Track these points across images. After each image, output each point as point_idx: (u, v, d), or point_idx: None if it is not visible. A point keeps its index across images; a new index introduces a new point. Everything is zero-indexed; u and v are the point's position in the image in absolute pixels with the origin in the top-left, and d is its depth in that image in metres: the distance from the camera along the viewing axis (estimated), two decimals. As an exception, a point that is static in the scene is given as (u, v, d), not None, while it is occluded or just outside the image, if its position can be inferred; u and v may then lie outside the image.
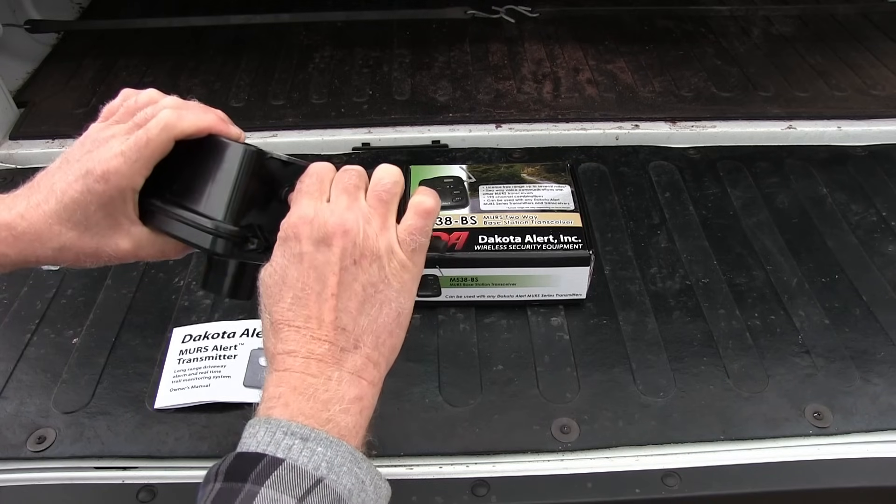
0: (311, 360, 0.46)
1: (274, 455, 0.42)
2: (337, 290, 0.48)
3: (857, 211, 0.97)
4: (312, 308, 0.47)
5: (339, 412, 0.45)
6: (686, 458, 0.68)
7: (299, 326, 0.47)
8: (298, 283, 0.48)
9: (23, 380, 0.75)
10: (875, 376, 0.75)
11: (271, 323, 0.48)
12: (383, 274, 0.50)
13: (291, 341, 0.47)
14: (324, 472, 0.42)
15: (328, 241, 0.48)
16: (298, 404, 0.44)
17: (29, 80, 1.25)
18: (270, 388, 0.46)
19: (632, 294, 0.85)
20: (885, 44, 1.32)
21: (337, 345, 0.47)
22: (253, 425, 0.44)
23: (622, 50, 1.29)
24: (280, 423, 0.43)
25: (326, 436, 0.43)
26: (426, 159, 1.06)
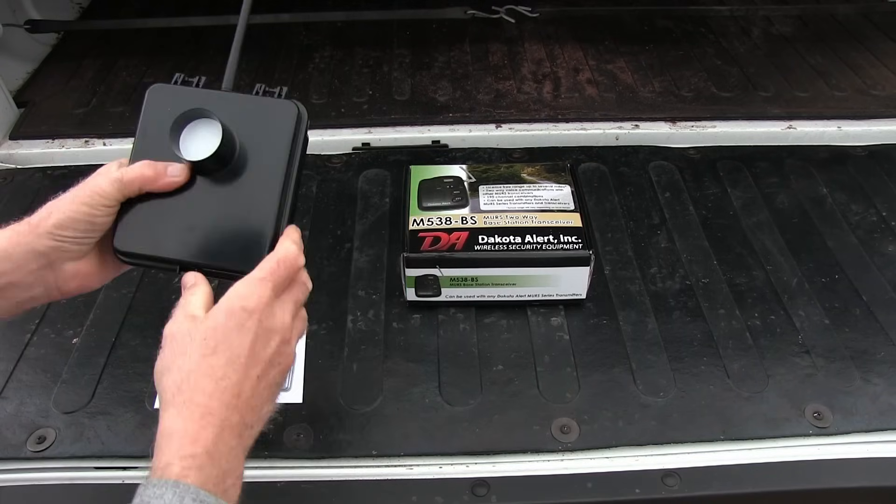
0: (225, 429, 0.48)
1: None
2: (263, 373, 0.52)
3: (857, 211, 0.97)
4: (239, 378, 0.50)
5: (231, 486, 0.48)
6: (686, 458, 0.69)
7: (225, 388, 0.49)
8: (238, 350, 0.51)
9: (23, 380, 0.75)
10: (875, 376, 0.75)
11: (195, 370, 0.50)
12: (282, 371, 0.55)
13: (214, 400, 0.49)
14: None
15: (273, 332, 0.53)
16: (210, 471, 0.46)
17: (29, 80, 1.25)
18: (186, 441, 0.47)
19: (632, 294, 0.85)
20: (885, 44, 1.32)
21: (244, 420, 0.50)
22: (159, 486, 0.45)
23: (622, 50, 1.29)
24: (189, 488, 0.45)
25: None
26: (426, 159, 1.06)
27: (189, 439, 0.47)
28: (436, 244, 0.79)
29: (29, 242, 0.54)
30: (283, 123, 0.58)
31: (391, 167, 1.03)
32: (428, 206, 0.83)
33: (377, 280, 0.86)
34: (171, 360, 0.51)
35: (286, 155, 0.57)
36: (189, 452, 0.47)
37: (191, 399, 0.49)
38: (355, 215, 0.95)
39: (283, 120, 0.58)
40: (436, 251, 0.78)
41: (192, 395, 0.49)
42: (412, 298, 0.82)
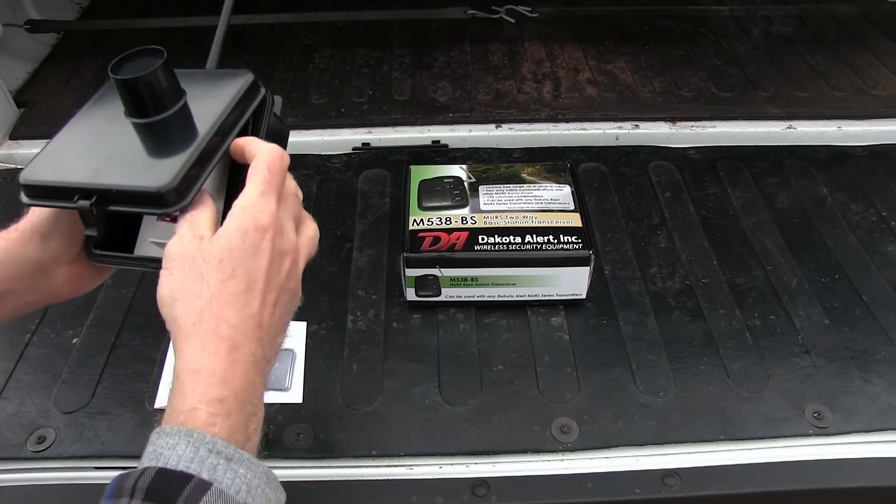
0: (251, 365, 0.45)
1: (200, 476, 0.39)
2: (277, 299, 0.48)
3: (857, 211, 0.97)
4: (258, 305, 0.46)
5: (253, 431, 0.45)
6: (686, 458, 0.69)
7: (248, 317, 0.45)
8: (256, 274, 0.47)
9: (23, 380, 0.75)
10: (875, 376, 0.75)
11: (216, 297, 0.45)
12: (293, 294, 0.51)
13: (239, 331, 0.45)
14: (244, 496, 0.41)
15: (285, 254, 0.49)
16: (236, 416, 0.43)
17: (29, 80, 1.25)
18: (216, 386, 0.43)
19: (632, 294, 0.85)
20: (885, 44, 1.32)
21: (266, 354, 0.47)
22: (173, 434, 0.41)
23: (622, 50, 1.29)
24: (204, 438, 0.41)
25: (249, 457, 0.42)
26: (426, 159, 1.06)
27: (217, 379, 0.43)
28: (436, 244, 0.79)
29: (19, 249, 0.53)
30: (233, 86, 0.56)
31: (391, 167, 1.03)
32: (428, 206, 0.83)
33: (377, 280, 0.86)
34: (186, 285, 0.46)
35: (223, 109, 0.55)
36: (217, 395, 0.42)
37: (215, 330, 0.44)
38: (355, 215, 0.95)
39: (234, 83, 0.57)
40: (436, 251, 0.78)
41: (216, 325, 0.44)
42: (412, 298, 0.82)
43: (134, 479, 0.40)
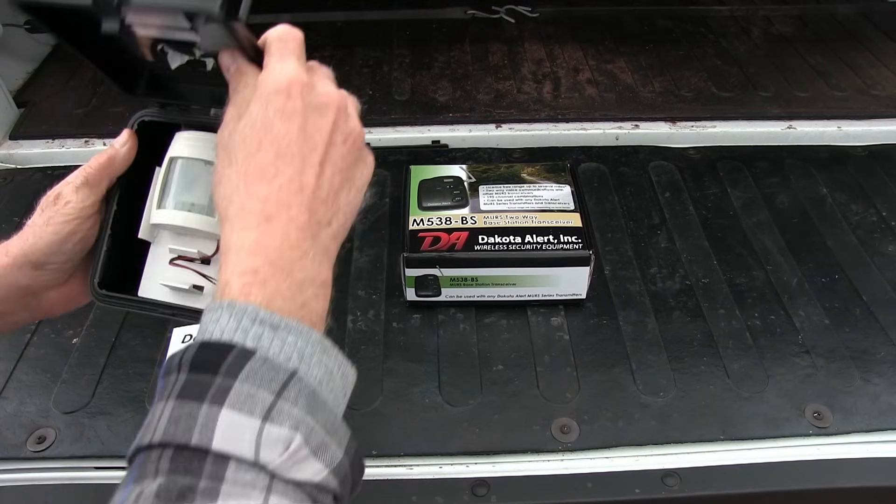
0: (290, 229, 0.41)
1: (243, 345, 0.38)
2: (324, 157, 0.44)
3: (857, 211, 0.97)
4: (297, 169, 0.43)
5: (311, 296, 0.41)
6: (686, 458, 0.68)
7: (280, 186, 0.42)
8: (286, 139, 0.43)
9: (23, 380, 0.75)
10: (875, 376, 0.75)
11: (244, 174, 0.43)
12: (362, 162, 0.47)
13: (270, 202, 0.41)
14: (296, 363, 0.38)
15: (323, 109, 0.45)
16: (277, 283, 0.40)
17: (29, 80, 1.25)
18: (243, 254, 0.40)
19: (632, 294, 0.85)
20: (885, 44, 1.32)
21: (315, 217, 0.43)
22: (215, 309, 0.39)
23: (622, 50, 1.29)
24: (246, 308, 0.38)
25: (297, 324, 0.39)
26: (426, 159, 1.06)
27: (247, 251, 0.40)
28: (436, 244, 0.79)
29: (9, 276, 0.51)
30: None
31: (391, 167, 1.03)
32: (428, 206, 0.83)
33: (377, 280, 0.86)
34: (221, 172, 0.44)
35: None
36: (248, 266, 0.40)
37: (244, 208, 0.42)
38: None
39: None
40: (436, 251, 0.78)
41: (244, 202, 0.42)
42: (412, 298, 0.82)
43: (180, 355, 0.38)
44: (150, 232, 0.56)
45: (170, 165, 0.54)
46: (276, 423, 0.36)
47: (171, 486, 0.34)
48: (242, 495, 0.34)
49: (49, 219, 0.52)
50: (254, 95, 0.44)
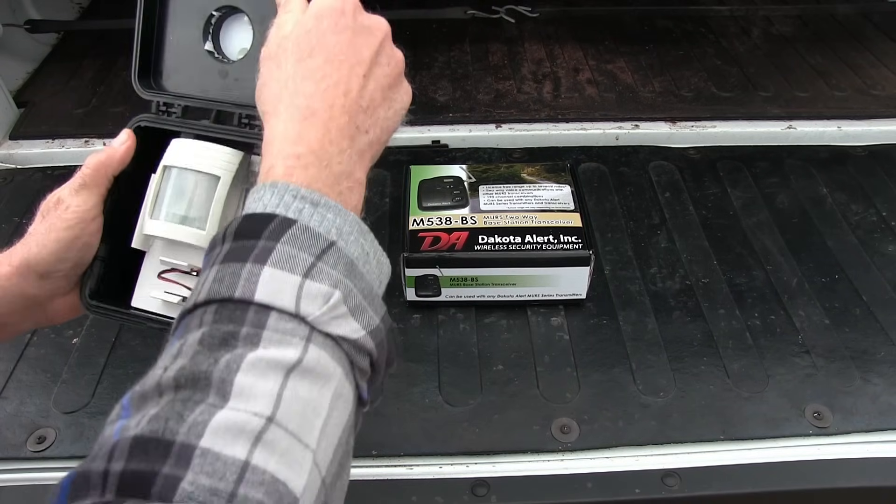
0: (331, 126, 0.44)
1: (285, 215, 0.40)
2: (369, 71, 0.47)
3: (857, 211, 0.97)
4: (343, 75, 0.45)
5: (346, 189, 0.43)
6: (686, 458, 0.68)
7: (327, 87, 0.44)
8: (336, 49, 0.46)
9: (23, 380, 0.75)
10: (875, 376, 0.75)
11: (293, 75, 0.45)
12: (402, 88, 0.50)
13: (315, 98, 0.44)
14: (335, 236, 0.40)
15: (372, 30, 0.48)
16: (317, 171, 0.42)
17: (29, 80, 1.25)
18: (287, 142, 0.43)
19: (632, 294, 0.85)
20: (885, 44, 1.32)
21: (354, 121, 0.45)
22: (258, 190, 0.41)
23: (622, 50, 1.29)
24: (288, 186, 0.41)
25: (335, 204, 0.41)
26: (426, 159, 1.05)
27: (290, 140, 0.43)
28: (436, 244, 0.79)
29: (13, 286, 0.51)
30: None
31: (391, 167, 1.03)
32: (428, 206, 0.83)
33: (377, 280, 0.86)
34: (268, 77, 0.46)
35: None
36: (292, 152, 0.42)
37: (291, 103, 0.44)
38: (355, 215, 0.95)
39: None
40: (436, 251, 0.78)
41: (292, 99, 0.44)
42: (412, 298, 0.82)
43: (224, 229, 0.41)
44: (144, 241, 0.55)
45: (164, 174, 0.54)
46: (316, 280, 0.38)
47: (214, 332, 0.36)
48: (283, 342, 0.36)
49: (51, 225, 0.51)
50: (306, 12, 0.47)
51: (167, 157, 0.54)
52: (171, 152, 0.54)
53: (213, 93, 0.57)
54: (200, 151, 0.54)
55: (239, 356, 0.34)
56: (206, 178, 0.53)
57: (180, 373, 0.34)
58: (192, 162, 0.54)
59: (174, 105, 0.57)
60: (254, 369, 0.34)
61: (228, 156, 0.54)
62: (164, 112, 0.57)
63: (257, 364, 0.34)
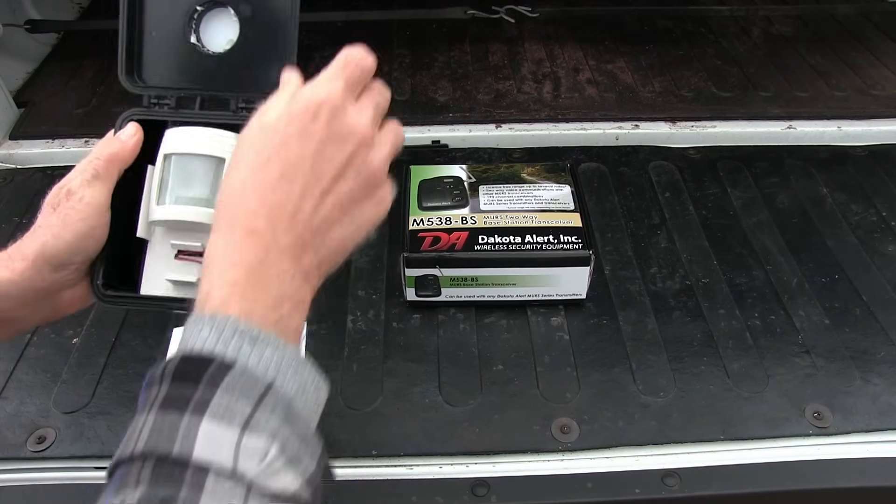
0: (273, 248, 0.42)
1: (223, 357, 0.39)
2: (329, 188, 0.44)
3: (857, 211, 0.97)
4: (295, 194, 0.43)
5: (287, 313, 0.42)
6: (686, 458, 0.68)
7: (273, 206, 0.42)
8: (294, 161, 0.43)
9: (23, 380, 0.75)
10: (875, 376, 0.75)
11: (243, 186, 0.43)
12: (374, 201, 0.47)
13: (259, 219, 0.42)
14: (272, 375, 0.40)
15: (345, 139, 0.45)
16: (254, 296, 0.41)
17: (29, 80, 1.25)
18: (227, 266, 0.41)
19: (632, 294, 0.85)
20: (885, 44, 1.32)
21: (301, 242, 0.43)
22: (198, 321, 0.40)
23: (622, 50, 1.29)
24: (228, 320, 0.40)
25: (275, 338, 0.40)
26: (426, 159, 1.05)
27: (229, 263, 0.41)
28: (436, 244, 0.79)
29: (26, 280, 0.51)
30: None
31: (391, 167, 1.02)
32: (428, 206, 0.83)
33: (377, 280, 0.86)
34: (227, 175, 0.45)
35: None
36: (230, 278, 0.41)
37: (234, 219, 0.42)
38: (355, 215, 0.95)
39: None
40: (436, 251, 0.78)
41: (235, 213, 0.42)
42: (412, 298, 0.82)
43: (163, 367, 0.40)
44: (149, 230, 0.56)
45: (164, 162, 0.55)
46: (254, 433, 0.37)
47: (152, 496, 0.35)
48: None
49: (66, 217, 0.51)
50: (285, 105, 0.45)
51: (166, 146, 0.55)
52: (169, 141, 0.55)
53: (203, 83, 0.58)
54: (198, 137, 0.55)
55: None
56: (208, 161, 0.54)
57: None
58: (192, 147, 0.54)
59: (166, 97, 0.57)
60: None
61: (225, 138, 0.55)
62: (157, 105, 0.58)
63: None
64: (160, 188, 0.54)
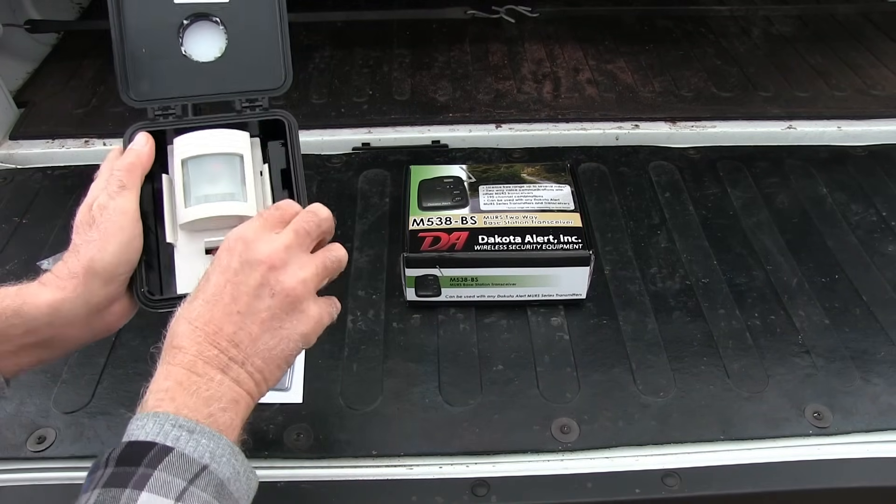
0: (198, 361, 0.48)
1: (164, 444, 0.44)
2: (245, 309, 0.50)
3: (857, 211, 0.97)
4: (216, 315, 0.50)
5: (218, 410, 0.48)
6: (686, 458, 0.69)
7: (196, 327, 0.49)
8: (214, 290, 0.51)
9: (23, 380, 0.75)
10: (875, 376, 0.75)
11: (182, 312, 0.51)
12: (295, 317, 0.53)
13: (186, 338, 0.49)
14: (207, 460, 0.45)
15: (254, 265, 0.51)
16: (184, 399, 0.47)
17: (29, 80, 1.25)
18: (160, 380, 0.48)
19: (632, 294, 0.85)
20: (885, 44, 1.32)
21: (226, 354, 0.49)
22: (141, 418, 0.46)
23: (622, 50, 1.29)
24: (168, 416, 0.45)
25: (209, 430, 0.46)
26: (426, 159, 1.06)
27: (162, 375, 0.48)
28: (436, 244, 0.79)
29: (79, 296, 0.53)
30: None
31: (391, 167, 1.03)
32: (428, 206, 0.83)
33: (377, 280, 0.86)
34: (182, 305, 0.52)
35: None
36: (162, 387, 0.48)
37: (169, 343, 0.50)
38: (355, 215, 0.95)
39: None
40: (436, 251, 0.78)
41: (170, 339, 0.50)
42: (412, 298, 0.82)
43: (108, 453, 0.45)
44: (176, 233, 0.58)
45: (183, 167, 0.57)
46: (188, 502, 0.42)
47: None
48: None
49: (106, 230, 0.54)
50: (225, 244, 0.52)
51: (180, 153, 0.57)
52: (181, 147, 0.57)
53: (204, 89, 0.60)
54: (210, 138, 0.57)
55: None
56: (227, 158, 0.57)
57: None
58: (207, 148, 0.57)
59: (171, 106, 0.59)
60: None
61: (235, 135, 0.58)
62: (162, 116, 0.59)
63: None
64: (184, 192, 0.56)
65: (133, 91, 0.60)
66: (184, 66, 0.60)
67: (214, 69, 0.60)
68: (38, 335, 0.53)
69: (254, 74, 0.60)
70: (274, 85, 0.60)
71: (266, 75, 0.60)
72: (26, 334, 0.53)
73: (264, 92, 0.60)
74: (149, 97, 0.60)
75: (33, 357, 0.55)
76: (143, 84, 0.60)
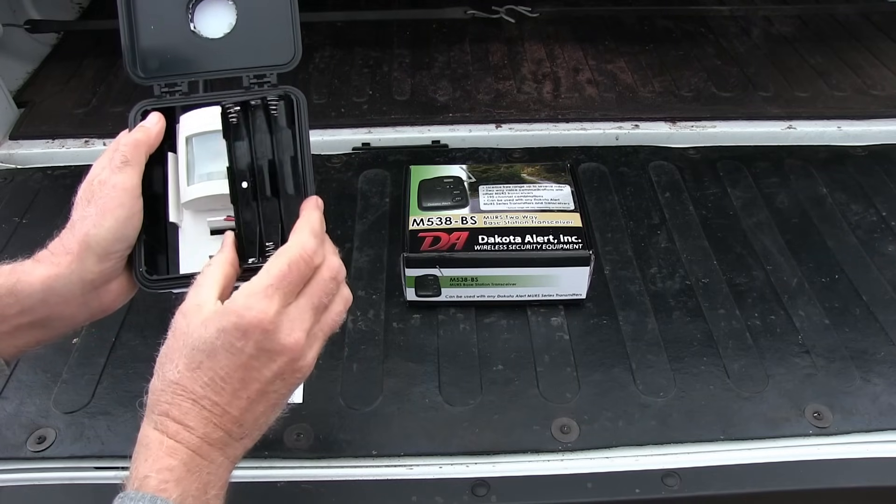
0: (204, 444, 0.47)
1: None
2: (255, 396, 0.48)
3: (857, 211, 0.97)
4: (224, 399, 0.47)
5: (213, 496, 0.47)
6: (686, 458, 0.69)
7: (203, 407, 0.47)
8: (223, 372, 0.47)
9: (23, 380, 0.75)
10: (875, 376, 0.75)
11: (176, 384, 0.47)
12: (291, 385, 0.51)
13: (191, 417, 0.47)
14: None
15: (273, 357, 0.48)
16: (188, 484, 0.46)
17: (29, 80, 1.25)
18: (164, 457, 0.46)
19: (632, 294, 0.85)
20: (885, 44, 1.32)
21: (230, 435, 0.48)
22: (137, 499, 0.44)
23: (622, 50, 1.29)
24: (156, 501, 0.44)
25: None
26: (426, 159, 1.06)
27: (165, 451, 0.46)
28: (436, 244, 0.79)
29: (74, 272, 0.52)
30: None
31: (391, 167, 1.03)
32: (428, 206, 0.83)
33: (377, 280, 0.86)
34: (163, 359, 0.49)
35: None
36: (166, 465, 0.45)
37: (167, 413, 0.47)
38: (355, 215, 0.95)
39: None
40: (436, 251, 0.78)
41: (169, 408, 0.47)
42: (412, 298, 0.82)
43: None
44: (180, 213, 0.57)
45: (188, 145, 0.56)
46: None
47: None
48: None
49: (103, 206, 0.52)
50: (215, 315, 0.47)
51: (185, 130, 0.57)
52: (187, 124, 0.57)
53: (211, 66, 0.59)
54: (215, 115, 0.56)
55: None
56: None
57: None
58: (207, 125, 0.56)
59: (177, 83, 0.58)
60: None
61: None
62: (168, 93, 0.59)
63: None
64: (188, 169, 0.56)
65: (140, 68, 0.59)
66: (192, 43, 0.59)
67: (223, 45, 0.59)
68: (34, 314, 0.52)
69: (263, 50, 0.59)
70: (283, 60, 0.59)
71: (275, 51, 0.59)
72: (21, 313, 0.52)
73: (273, 68, 0.59)
74: (156, 74, 0.59)
75: (30, 338, 0.54)
76: (151, 61, 0.59)
